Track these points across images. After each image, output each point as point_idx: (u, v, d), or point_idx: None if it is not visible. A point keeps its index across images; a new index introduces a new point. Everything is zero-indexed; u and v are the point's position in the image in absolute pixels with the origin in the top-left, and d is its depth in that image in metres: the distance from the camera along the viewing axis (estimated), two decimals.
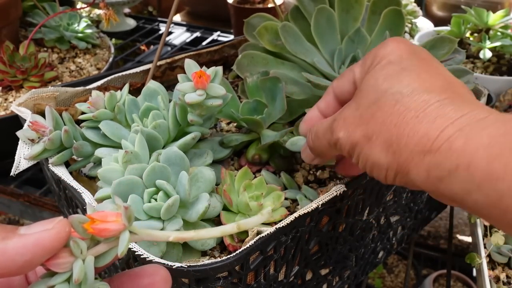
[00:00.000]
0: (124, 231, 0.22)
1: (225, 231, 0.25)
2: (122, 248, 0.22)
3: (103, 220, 0.22)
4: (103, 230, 0.22)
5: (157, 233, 0.24)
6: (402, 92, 0.29)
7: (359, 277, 0.57)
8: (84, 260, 0.21)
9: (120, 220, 0.22)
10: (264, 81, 0.47)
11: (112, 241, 0.22)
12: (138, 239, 0.23)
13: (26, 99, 0.49)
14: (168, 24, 0.51)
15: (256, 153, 0.46)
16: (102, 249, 0.22)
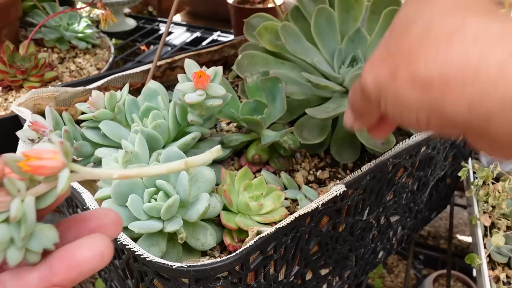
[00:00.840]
0: (63, 168, 0.21)
1: (171, 167, 0.23)
2: (62, 185, 0.21)
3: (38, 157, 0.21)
4: (39, 167, 0.20)
5: (100, 171, 0.23)
6: (433, 14, 0.25)
7: (359, 277, 0.57)
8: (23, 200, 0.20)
9: (58, 157, 0.21)
10: (264, 81, 0.47)
11: (52, 180, 0.21)
12: (79, 178, 0.22)
13: (26, 99, 0.49)
14: (168, 24, 0.51)
15: (256, 153, 0.46)
16: (42, 189, 0.21)
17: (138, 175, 0.23)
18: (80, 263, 0.21)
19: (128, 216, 0.36)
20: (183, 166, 0.23)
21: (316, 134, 0.47)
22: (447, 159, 0.55)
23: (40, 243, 0.21)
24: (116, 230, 0.23)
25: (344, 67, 0.50)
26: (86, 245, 0.22)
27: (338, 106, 0.46)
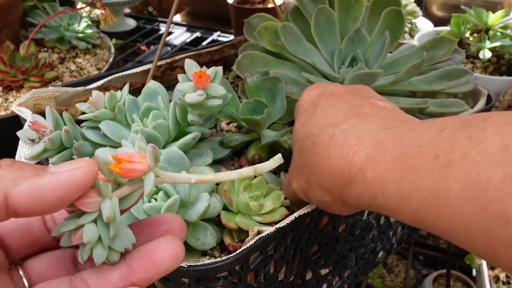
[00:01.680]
0: (149, 172, 0.22)
1: (242, 173, 0.25)
2: (149, 188, 0.22)
3: (129, 161, 0.21)
4: (130, 170, 0.21)
5: (179, 176, 0.24)
6: (314, 134, 0.31)
7: (359, 277, 0.57)
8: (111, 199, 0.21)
9: (145, 161, 0.22)
10: (264, 81, 0.47)
11: (135, 183, 0.22)
12: (160, 182, 0.23)
13: (26, 99, 0.49)
14: (168, 24, 0.51)
15: (256, 153, 0.46)
16: (126, 191, 0.22)
17: (213, 180, 0.25)
18: (158, 263, 0.23)
19: (128, 216, 0.36)
20: (252, 173, 0.26)
21: None
22: None
23: (122, 243, 0.22)
24: (183, 234, 0.25)
25: (344, 67, 0.50)
26: (163, 245, 0.23)
27: None
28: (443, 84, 0.50)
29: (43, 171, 0.20)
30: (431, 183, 0.23)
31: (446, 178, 0.22)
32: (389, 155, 0.25)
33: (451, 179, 0.22)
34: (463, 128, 0.23)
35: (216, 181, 0.25)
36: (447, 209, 0.22)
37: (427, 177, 0.23)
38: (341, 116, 0.31)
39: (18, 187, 0.19)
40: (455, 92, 0.51)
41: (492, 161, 0.20)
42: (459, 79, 0.50)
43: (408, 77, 0.48)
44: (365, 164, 0.27)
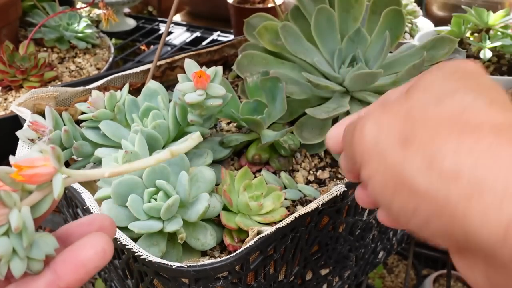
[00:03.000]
0: (56, 174, 0.21)
1: (159, 159, 0.23)
2: (58, 190, 0.21)
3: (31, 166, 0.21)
4: (33, 175, 0.20)
5: (91, 171, 0.23)
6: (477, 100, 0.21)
7: (359, 277, 0.57)
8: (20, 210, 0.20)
9: (49, 163, 0.21)
10: (265, 81, 0.47)
11: (45, 187, 0.21)
12: (72, 182, 0.22)
13: (26, 99, 0.49)
14: (168, 24, 0.51)
15: (256, 153, 0.46)
16: (36, 197, 0.21)
17: (128, 170, 0.23)
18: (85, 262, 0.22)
19: (128, 216, 0.36)
20: (169, 156, 0.23)
21: (316, 134, 0.47)
22: None
23: (41, 251, 0.21)
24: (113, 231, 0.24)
25: (344, 67, 0.50)
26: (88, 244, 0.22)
27: (338, 106, 0.46)
28: None
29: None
30: None
31: None
32: None
33: None
34: None
35: (131, 171, 0.23)
36: None
37: None
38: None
39: None
40: None
41: None
42: None
43: (408, 77, 0.47)
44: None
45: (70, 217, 0.50)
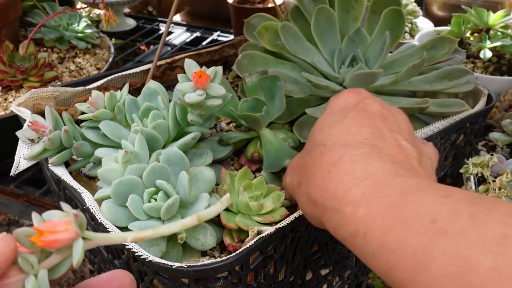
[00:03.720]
0: (77, 239, 0.21)
1: (184, 224, 0.23)
2: (77, 257, 0.20)
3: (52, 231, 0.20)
4: (53, 241, 0.20)
5: (114, 235, 0.23)
6: (326, 145, 0.31)
7: (359, 277, 0.57)
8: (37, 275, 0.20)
9: (71, 228, 0.21)
10: (263, 79, 0.47)
11: (64, 250, 0.21)
12: (93, 245, 0.22)
13: (26, 99, 0.49)
14: (168, 24, 0.51)
15: (256, 151, 0.46)
16: (54, 260, 0.21)
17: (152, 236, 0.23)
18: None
19: (128, 216, 0.36)
20: (195, 222, 0.24)
21: None
22: (447, 159, 0.55)
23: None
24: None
25: (344, 67, 0.50)
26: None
27: None
28: (444, 84, 0.50)
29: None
30: (418, 245, 0.22)
31: (435, 245, 0.21)
32: (385, 201, 0.25)
33: (440, 249, 0.21)
34: (468, 203, 0.22)
35: (155, 236, 0.23)
36: (424, 276, 0.21)
37: (417, 238, 0.22)
38: (359, 140, 0.30)
39: None
40: (456, 92, 0.51)
41: (487, 248, 0.20)
42: (459, 79, 0.50)
43: (408, 77, 0.47)
44: (359, 201, 0.26)
45: None
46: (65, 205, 0.22)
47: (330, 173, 0.29)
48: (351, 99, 0.34)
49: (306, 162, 0.32)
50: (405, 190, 0.25)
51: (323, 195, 0.29)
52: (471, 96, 0.55)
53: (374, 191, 0.26)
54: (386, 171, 0.27)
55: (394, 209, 0.24)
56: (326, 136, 0.31)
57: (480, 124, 0.54)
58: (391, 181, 0.26)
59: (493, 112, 0.71)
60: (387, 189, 0.26)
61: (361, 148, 0.29)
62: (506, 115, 0.67)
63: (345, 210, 0.27)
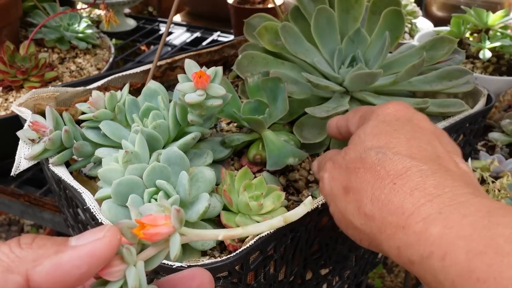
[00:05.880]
0: (174, 233, 0.22)
1: (272, 224, 0.24)
2: (175, 251, 0.21)
3: (153, 225, 0.21)
4: (154, 234, 0.21)
5: (206, 232, 0.24)
6: (386, 154, 0.28)
7: (359, 277, 0.57)
8: (136, 265, 0.21)
9: (170, 222, 0.22)
10: (266, 81, 0.47)
11: (160, 244, 0.22)
12: (187, 240, 0.23)
13: (26, 99, 0.49)
14: (168, 24, 0.51)
15: (258, 153, 0.46)
16: (151, 253, 0.22)
17: (242, 234, 0.24)
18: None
19: (128, 216, 0.36)
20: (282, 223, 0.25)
21: (316, 134, 0.47)
22: None
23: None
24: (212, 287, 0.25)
25: (344, 67, 0.50)
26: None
27: (337, 105, 0.46)
28: (443, 84, 0.50)
29: (64, 245, 0.20)
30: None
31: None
32: (469, 222, 0.22)
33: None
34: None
35: (245, 235, 0.24)
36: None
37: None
38: (425, 155, 0.27)
39: (39, 268, 0.19)
40: (455, 92, 0.51)
41: None
42: (459, 79, 0.50)
43: (408, 77, 0.48)
44: (435, 218, 0.23)
45: (70, 216, 0.50)
46: (163, 200, 0.23)
47: (395, 185, 0.26)
48: (402, 112, 0.32)
49: (358, 166, 0.29)
50: (491, 211, 0.22)
51: (383, 208, 0.26)
52: (471, 96, 0.55)
53: (452, 209, 0.23)
54: (463, 189, 0.24)
55: (481, 231, 0.21)
56: (384, 144, 0.29)
57: (479, 124, 0.54)
58: (471, 200, 0.23)
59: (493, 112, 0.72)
60: (468, 208, 0.23)
61: (428, 163, 0.27)
62: (506, 115, 0.67)
63: (414, 227, 0.24)
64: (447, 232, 0.22)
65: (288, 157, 0.44)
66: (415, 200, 0.25)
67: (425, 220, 0.23)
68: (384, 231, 0.26)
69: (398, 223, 0.25)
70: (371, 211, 0.27)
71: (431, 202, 0.24)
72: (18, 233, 1.30)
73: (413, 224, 0.24)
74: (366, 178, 0.28)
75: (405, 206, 0.25)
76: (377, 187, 0.27)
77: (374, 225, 0.26)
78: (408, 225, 0.24)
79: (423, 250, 0.23)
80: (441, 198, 0.24)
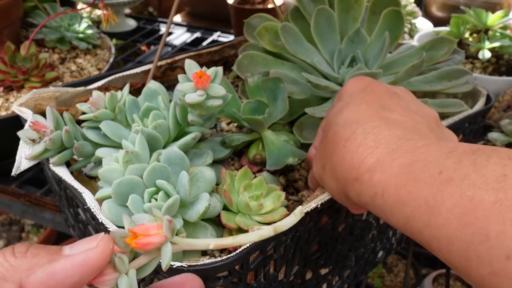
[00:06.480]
0: (165, 243, 0.22)
1: (262, 234, 0.26)
2: (166, 261, 0.22)
3: (145, 234, 0.22)
4: (146, 244, 0.22)
5: (197, 241, 0.24)
6: (339, 124, 0.33)
7: (359, 277, 0.57)
8: (127, 274, 0.21)
9: (162, 232, 0.22)
10: (266, 81, 0.47)
11: (152, 252, 0.22)
12: (178, 249, 0.23)
13: (27, 99, 0.49)
14: (169, 24, 0.51)
15: (258, 153, 0.46)
16: (142, 261, 0.22)
17: (233, 244, 0.25)
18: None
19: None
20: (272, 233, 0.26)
21: (315, 134, 0.47)
22: None
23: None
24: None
25: (344, 67, 0.50)
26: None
27: None
28: (443, 84, 0.50)
29: (58, 255, 0.20)
30: (428, 194, 0.25)
31: (443, 192, 0.24)
32: (397, 163, 0.28)
33: (447, 194, 0.24)
34: (471, 153, 0.25)
35: (235, 245, 0.25)
36: (436, 220, 0.24)
37: (426, 188, 0.25)
38: (368, 115, 0.32)
39: (33, 277, 0.19)
40: (455, 92, 0.52)
41: (488, 186, 0.23)
42: (458, 79, 0.50)
43: (407, 77, 0.48)
44: (374, 166, 0.29)
45: (71, 216, 0.50)
46: (156, 210, 0.23)
47: (346, 147, 0.31)
48: (358, 84, 0.37)
49: (325, 145, 0.35)
50: (414, 151, 0.28)
51: (342, 168, 0.31)
52: (470, 97, 0.55)
53: (386, 156, 0.29)
54: (396, 137, 0.30)
55: (405, 168, 0.27)
56: (339, 118, 0.34)
57: (479, 124, 0.54)
58: (401, 145, 0.29)
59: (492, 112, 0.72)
60: (397, 153, 0.28)
61: (371, 121, 0.32)
62: (505, 115, 0.67)
63: (363, 177, 0.29)
64: (383, 175, 0.28)
65: (288, 157, 0.44)
66: (360, 155, 0.30)
67: (369, 170, 0.29)
68: (347, 186, 0.31)
69: (352, 176, 0.30)
70: (336, 174, 0.32)
71: (371, 155, 0.30)
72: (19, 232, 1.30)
73: (362, 175, 0.30)
74: (330, 150, 0.33)
75: (354, 162, 0.30)
76: (336, 153, 0.32)
77: (340, 183, 0.32)
78: (359, 176, 0.30)
79: (370, 192, 0.29)
80: (378, 149, 0.29)
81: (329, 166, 0.34)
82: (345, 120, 0.33)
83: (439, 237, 0.24)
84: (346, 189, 0.32)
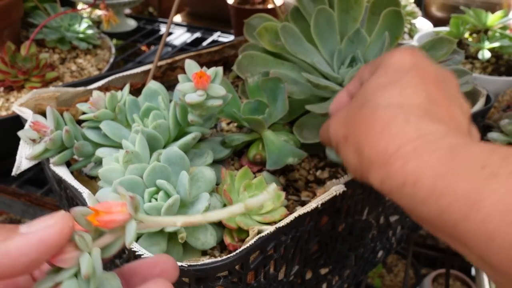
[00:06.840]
0: (130, 220, 0.22)
1: (232, 211, 0.24)
2: (130, 238, 0.21)
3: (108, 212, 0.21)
4: (109, 221, 0.21)
5: (164, 219, 0.23)
6: (379, 104, 0.32)
7: (359, 277, 0.58)
8: (90, 252, 0.21)
9: (126, 210, 0.21)
10: (266, 81, 0.47)
11: (117, 231, 0.22)
12: (144, 227, 0.23)
13: (27, 99, 0.49)
14: (169, 24, 0.51)
15: (258, 153, 0.46)
16: (107, 240, 0.22)
17: (201, 221, 0.24)
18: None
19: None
20: (243, 210, 0.24)
21: (316, 134, 0.47)
22: None
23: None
24: (175, 275, 0.25)
25: (344, 67, 0.50)
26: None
27: None
28: None
29: (13, 232, 0.20)
30: (470, 187, 0.24)
31: (486, 186, 0.24)
32: (436, 156, 0.27)
33: (491, 189, 0.23)
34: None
35: (204, 221, 0.24)
36: (477, 214, 0.23)
37: (468, 181, 0.24)
38: (413, 103, 0.31)
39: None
40: None
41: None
42: (458, 79, 0.50)
43: None
44: (410, 154, 0.28)
45: None
46: (120, 187, 0.23)
47: (382, 130, 0.30)
48: (407, 59, 0.34)
49: (356, 118, 0.33)
50: (454, 146, 0.27)
51: (372, 150, 0.30)
52: (470, 97, 0.55)
53: (424, 147, 0.28)
54: (438, 133, 0.29)
55: (444, 161, 0.26)
56: (380, 96, 0.32)
57: (478, 124, 0.54)
58: (442, 140, 0.28)
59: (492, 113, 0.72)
60: (437, 145, 0.27)
61: (414, 111, 0.30)
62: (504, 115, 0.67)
63: (394, 164, 0.28)
64: (419, 165, 0.27)
65: (288, 156, 0.44)
66: (396, 143, 0.29)
67: (403, 158, 0.28)
68: (371, 169, 0.30)
69: (382, 161, 0.29)
70: (362, 153, 0.31)
71: (409, 143, 0.29)
72: None
73: (393, 161, 0.29)
74: (361, 127, 0.32)
75: (388, 148, 0.29)
76: (368, 134, 0.31)
77: (364, 164, 0.31)
78: (389, 162, 0.29)
79: (398, 180, 0.28)
80: (417, 141, 0.28)
81: (354, 141, 0.32)
82: (388, 102, 0.31)
83: (477, 232, 0.23)
84: (368, 172, 0.31)
